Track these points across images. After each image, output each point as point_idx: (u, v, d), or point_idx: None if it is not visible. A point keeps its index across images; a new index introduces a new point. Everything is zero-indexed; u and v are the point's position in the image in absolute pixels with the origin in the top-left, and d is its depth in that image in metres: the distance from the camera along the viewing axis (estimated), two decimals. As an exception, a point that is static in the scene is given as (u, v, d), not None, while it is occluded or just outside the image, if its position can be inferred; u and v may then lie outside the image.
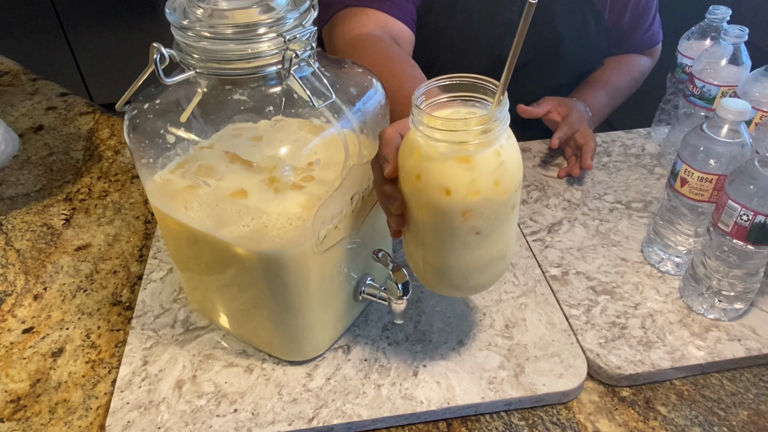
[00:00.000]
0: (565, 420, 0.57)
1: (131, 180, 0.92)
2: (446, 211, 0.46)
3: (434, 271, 0.52)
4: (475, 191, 0.45)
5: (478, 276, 0.52)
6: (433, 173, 0.45)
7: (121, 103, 0.48)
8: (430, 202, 0.46)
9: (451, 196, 0.45)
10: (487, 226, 0.48)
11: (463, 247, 0.49)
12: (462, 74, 0.46)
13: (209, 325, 0.65)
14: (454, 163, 0.44)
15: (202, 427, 0.55)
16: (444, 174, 0.45)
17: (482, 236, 0.48)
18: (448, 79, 0.46)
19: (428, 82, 0.47)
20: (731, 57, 0.74)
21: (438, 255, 0.50)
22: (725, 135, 0.60)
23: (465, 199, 0.45)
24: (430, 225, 0.48)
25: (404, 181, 0.48)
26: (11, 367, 0.63)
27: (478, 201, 0.45)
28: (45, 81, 1.20)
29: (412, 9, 0.88)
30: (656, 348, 0.61)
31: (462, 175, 0.44)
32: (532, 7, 0.44)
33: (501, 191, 0.46)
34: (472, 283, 0.54)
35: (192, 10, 0.47)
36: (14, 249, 0.79)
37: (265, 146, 0.51)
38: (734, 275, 0.61)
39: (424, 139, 0.45)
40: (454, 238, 0.48)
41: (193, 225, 0.53)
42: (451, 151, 0.44)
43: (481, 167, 0.45)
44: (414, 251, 0.53)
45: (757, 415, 0.57)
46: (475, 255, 0.50)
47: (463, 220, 0.46)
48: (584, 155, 0.85)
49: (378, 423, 0.56)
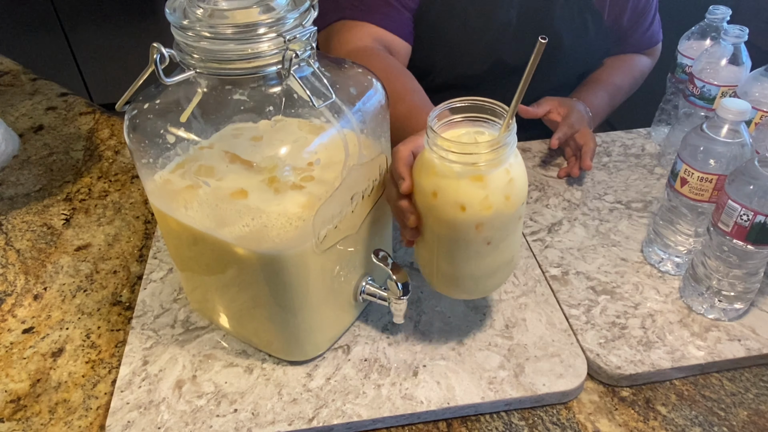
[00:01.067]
0: (565, 420, 0.57)
1: (131, 180, 0.92)
2: (461, 225, 0.50)
3: (447, 277, 0.56)
4: (488, 206, 0.49)
5: (488, 280, 0.56)
6: (449, 191, 0.49)
7: (121, 103, 0.48)
8: (446, 217, 0.50)
9: (465, 212, 0.49)
10: (498, 236, 0.52)
11: (475, 256, 0.53)
12: (473, 98, 0.50)
13: (209, 325, 0.65)
14: (468, 182, 0.48)
15: (202, 427, 0.55)
16: (459, 192, 0.49)
17: (493, 245, 0.52)
18: (460, 102, 0.50)
19: (441, 105, 0.50)
20: (731, 57, 0.74)
21: (451, 264, 0.54)
22: (725, 135, 0.60)
23: (478, 214, 0.49)
24: (445, 237, 0.52)
25: (420, 198, 0.52)
26: (11, 367, 0.63)
27: (490, 215, 0.49)
28: (45, 81, 1.20)
29: (408, 18, 0.88)
30: (656, 348, 0.61)
31: (476, 193, 0.48)
32: (543, 45, 0.46)
33: (511, 205, 0.50)
34: (483, 287, 0.58)
35: (192, 10, 0.47)
36: (14, 249, 0.79)
37: (265, 146, 0.51)
38: (734, 275, 0.61)
39: (439, 160, 0.49)
40: (467, 249, 0.52)
41: (193, 225, 0.53)
42: (465, 170, 0.48)
43: (493, 185, 0.49)
44: (427, 259, 0.56)
45: (757, 415, 0.57)
46: (486, 262, 0.54)
47: (476, 232, 0.50)
48: (584, 156, 0.85)
49: (378, 423, 0.56)
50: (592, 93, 0.98)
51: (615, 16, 0.97)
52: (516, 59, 0.91)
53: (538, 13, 0.90)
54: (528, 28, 0.90)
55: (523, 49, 0.91)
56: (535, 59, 0.47)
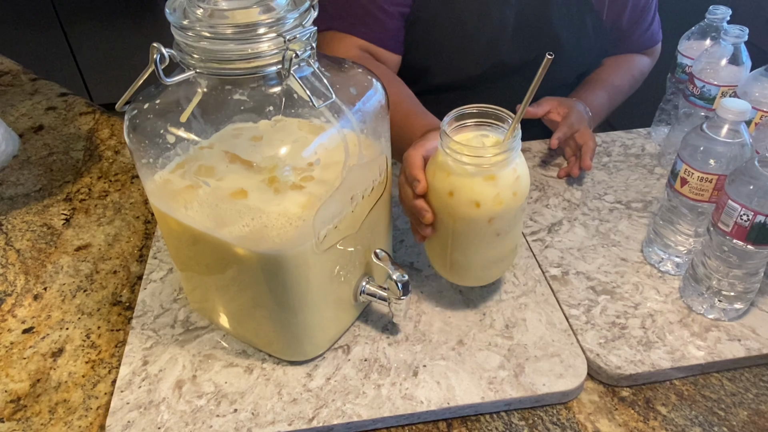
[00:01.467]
0: (565, 420, 0.57)
1: (131, 180, 0.92)
2: (475, 220, 0.56)
3: (459, 266, 0.62)
4: (500, 202, 0.55)
5: (495, 267, 0.63)
6: (464, 190, 0.55)
7: (121, 103, 0.48)
8: (462, 213, 0.56)
9: (480, 208, 0.55)
10: (506, 227, 0.58)
11: (486, 246, 0.59)
12: (480, 105, 0.56)
13: (209, 325, 0.65)
14: (482, 181, 0.54)
15: (202, 427, 0.55)
16: (473, 190, 0.54)
17: (501, 236, 0.58)
18: (469, 108, 0.56)
19: (453, 111, 0.56)
20: (731, 57, 0.74)
21: (464, 254, 0.60)
22: (725, 135, 0.60)
23: (491, 209, 0.55)
24: (460, 232, 0.58)
25: (435, 197, 0.57)
26: (11, 367, 0.63)
27: (501, 210, 0.55)
28: (45, 81, 1.20)
29: (397, 28, 0.88)
30: (656, 348, 0.61)
31: (488, 191, 0.54)
32: (549, 61, 0.49)
33: (518, 199, 0.56)
34: (491, 274, 0.64)
35: (192, 10, 0.47)
36: (14, 249, 0.79)
37: (265, 146, 0.51)
38: (734, 275, 0.61)
39: (453, 162, 0.54)
40: (479, 241, 0.58)
41: (193, 225, 0.53)
42: (477, 171, 0.54)
43: (503, 182, 0.55)
44: (439, 252, 0.62)
45: (757, 415, 0.57)
46: (495, 251, 0.60)
47: (488, 225, 0.56)
48: (583, 156, 0.85)
49: (378, 423, 0.56)
50: (592, 93, 0.98)
51: (614, 16, 0.97)
52: (515, 59, 0.90)
53: (535, 13, 0.90)
54: (526, 28, 0.90)
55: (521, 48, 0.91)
56: (541, 74, 0.50)
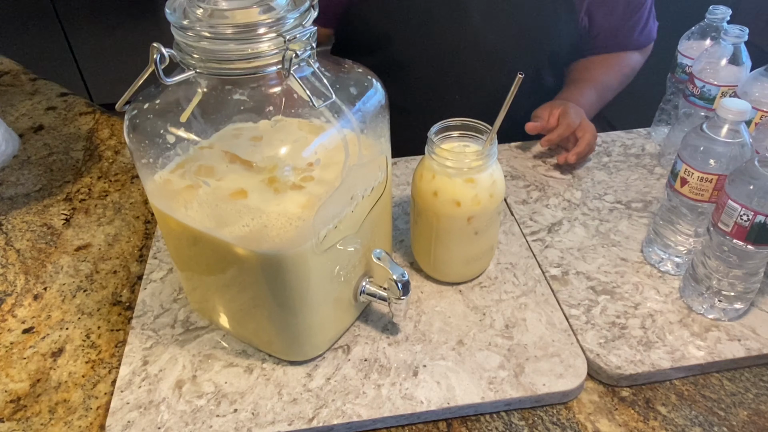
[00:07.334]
0: (565, 420, 0.57)
1: (131, 180, 0.92)
2: (456, 218, 0.62)
3: (442, 262, 0.68)
4: (477, 202, 0.61)
5: (475, 264, 0.69)
6: (447, 190, 0.61)
7: (121, 103, 0.48)
8: (445, 212, 0.62)
9: (460, 207, 0.61)
10: (483, 226, 0.64)
11: (466, 243, 0.65)
12: (462, 119, 0.62)
13: (209, 325, 0.65)
14: (462, 183, 0.61)
15: (202, 427, 0.55)
16: (455, 191, 0.61)
17: (479, 234, 0.65)
18: (453, 121, 0.63)
19: (439, 123, 0.62)
20: (731, 57, 0.74)
21: (446, 250, 0.66)
22: (725, 135, 0.60)
23: (470, 208, 0.61)
24: (442, 229, 0.64)
25: (421, 197, 0.63)
26: (11, 367, 0.63)
27: (479, 209, 0.62)
28: (45, 81, 1.20)
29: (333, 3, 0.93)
30: (656, 348, 0.61)
31: (468, 192, 0.61)
32: (520, 79, 0.55)
33: (494, 201, 0.62)
34: (470, 270, 0.69)
35: (192, 10, 0.47)
36: (14, 249, 0.79)
37: (265, 146, 0.51)
38: (734, 275, 0.61)
39: (438, 166, 0.61)
40: (460, 238, 0.64)
41: (193, 225, 0.53)
42: (459, 174, 0.60)
43: (481, 185, 0.61)
44: (425, 247, 0.68)
45: (757, 415, 0.57)
46: (474, 248, 0.66)
47: (467, 223, 0.63)
48: (579, 142, 0.86)
49: (378, 423, 0.56)
50: (579, 92, 0.98)
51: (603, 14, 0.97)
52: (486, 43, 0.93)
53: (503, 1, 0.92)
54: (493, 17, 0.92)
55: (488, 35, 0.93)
56: (513, 91, 0.56)
